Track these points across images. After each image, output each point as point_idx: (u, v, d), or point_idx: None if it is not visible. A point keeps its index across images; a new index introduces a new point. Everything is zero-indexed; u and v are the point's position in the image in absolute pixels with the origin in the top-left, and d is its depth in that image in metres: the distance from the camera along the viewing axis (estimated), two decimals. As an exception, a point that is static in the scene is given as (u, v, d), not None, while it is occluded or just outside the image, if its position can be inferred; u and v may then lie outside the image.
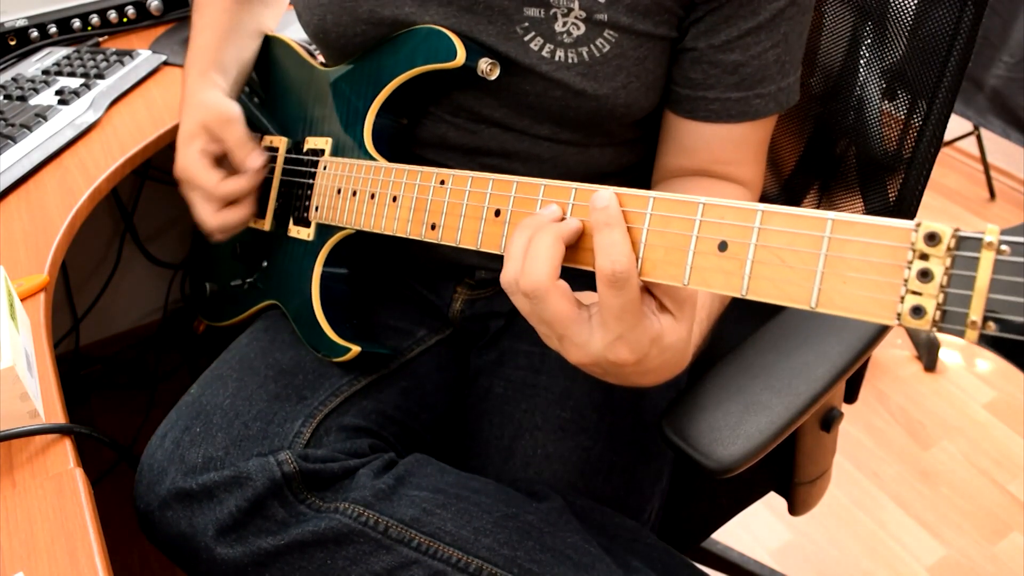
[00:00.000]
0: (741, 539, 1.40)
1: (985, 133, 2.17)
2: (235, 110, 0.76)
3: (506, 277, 0.50)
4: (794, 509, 0.90)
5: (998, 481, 1.50)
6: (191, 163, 0.75)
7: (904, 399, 1.67)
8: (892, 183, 0.79)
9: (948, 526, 1.43)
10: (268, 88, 0.87)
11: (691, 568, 0.69)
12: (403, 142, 0.75)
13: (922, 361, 1.75)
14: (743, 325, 0.68)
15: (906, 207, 0.78)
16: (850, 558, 1.38)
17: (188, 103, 0.78)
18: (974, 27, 0.69)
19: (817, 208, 0.89)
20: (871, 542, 1.41)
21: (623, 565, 0.64)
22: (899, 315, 0.37)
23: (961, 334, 0.36)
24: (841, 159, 0.85)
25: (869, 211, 0.83)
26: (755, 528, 1.43)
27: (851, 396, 0.90)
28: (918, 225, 0.37)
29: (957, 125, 2.18)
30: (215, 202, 0.75)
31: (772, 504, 1.12)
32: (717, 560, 1.25)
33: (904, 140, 0.77)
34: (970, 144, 2.29)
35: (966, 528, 1.42)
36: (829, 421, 0.79)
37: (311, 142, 0.78)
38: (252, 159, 0.75)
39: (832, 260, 0.40)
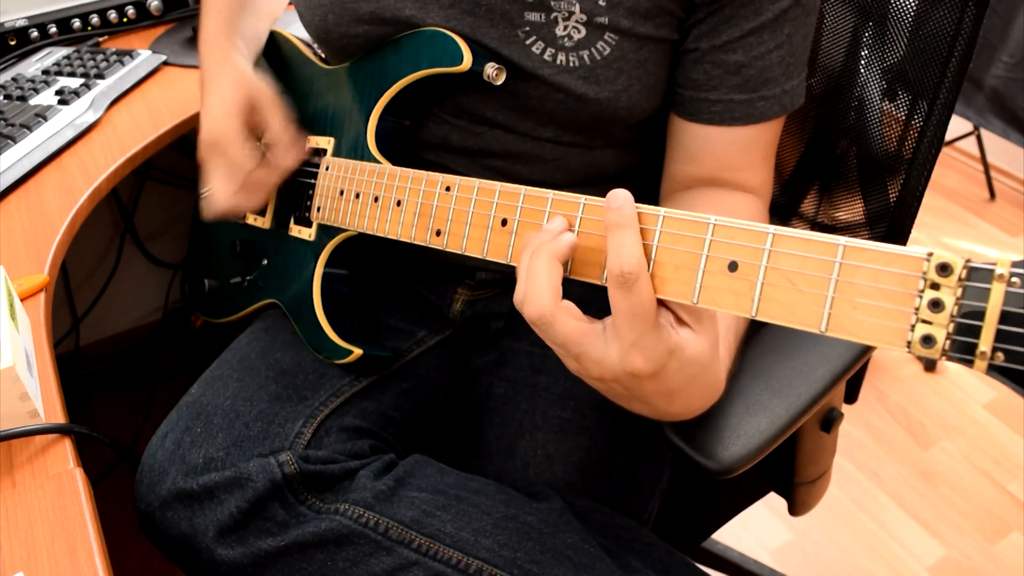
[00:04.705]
0: (741, 539, 1.40)
1: (985, 133, 2.17)
2: (276, 92, 0.74)
3: (516, 300, 0.49)
4: (794, 509, 0.90)
5: (998, 481, 1.50)
6: (234, 135, 0.71)
7: (904, 399, 1.67)
8: (892, 183, 0.79)
9: (948, 526, 1.43)
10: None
11: (691, 568, 0.69)
12: (405, 143, 0.75)
13: (922, 361, 1.75)
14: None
15: (906, 207, 0.78)
16: (850, 558, 1.38)
17: (223, 66, 0.75)
18: (975, 27, 0.69)
19: (817, 209, 0.89)
20: (871, 542, 1.41)
21: (623, 565, 0.64)
22: (909, 343, 0.38)
23: (970, 364, 0.36)
24: (842, 159, 0.85)
25: (869, 211, 0.83)
26: (755, 528, 1.43)
27: (851, 396, 0.90)
28: (930, 255, 0.37)
29: (957, 125, 2.18)
30: (238, 182, 0.73)
31: (772, 504, 1.12)
32: (717, 560, 1.25)
33: (905, 140, 0.77)
34: (970, 144, 2.29)
35: (966, 528, 1.42)
36: (829, 422, 0.79)
37: (312, 141, 0.78)
38: (298, 151, 0.73)
39: (843, 285, 0.40)
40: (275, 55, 0.87)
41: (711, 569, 1.25)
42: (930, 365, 1.74)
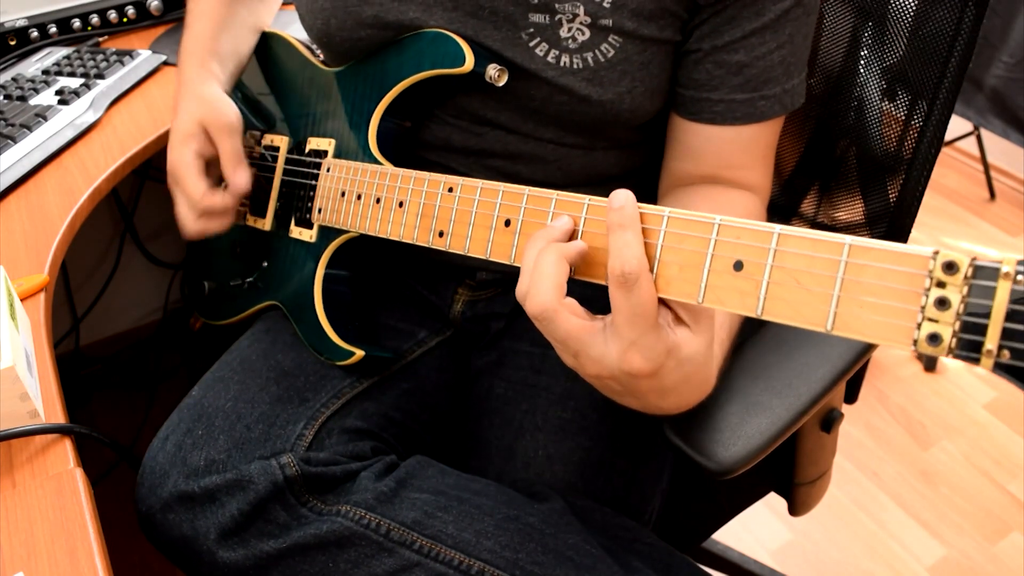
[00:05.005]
0: (741, 539, 1.40)
1: (985, 133, 2.17)
2: (236, 116, 0.75)
3: (518, 292, 0.49)
4: (794, 509, 0.90)
5: (998, 481, 1.51)
6: (183, 164, 0.74)
7: (904, 399, 1.68)
8: (892, 184, 0.79)
9: (948, 526, 1.43)
10: (268, 85, 0.87)
11: (692, 568, 0.69)
12: (407, 144, 0.75)
13: (922, 361, 1.75)
14: (743, 326, 0.68)
15: (906, 208, 0.78)
16: (850, 558, 1.39)
17: (186, 95, 0.77)
18: (975, 27, 0.69)
19: (817, 209, 0.89)
20: (871, 542, 1.41)
21: (624, 565, 0.64)
22: (915, 341, 0.38)
23: (976, 361, 0.36)
24: (841, 160, 0.85)
25: (869, 211, 0.83)
26: (755, 528, 1.43)
27: (851, 396, 0.90)
28: (936, 253, 0.37)
29: (957, 125, 2.18)
30: (197, 210, 0.75)
31: (772, 504, 1.12)
32: (717, 560, 1.25)
33: (904, 140, 0.77)
34: (970, 144, 2.29)
35: (966, 528, 1.42)
36: (829, 422, 0.79)
37: (313, 142, 0.78)
38: (238, 178, 0.74)
39: (849, 284, 0.40)
40: (274, 57, 0.86)
41: (711, 569, 1.25)
42: (930, 365, 1.74)
